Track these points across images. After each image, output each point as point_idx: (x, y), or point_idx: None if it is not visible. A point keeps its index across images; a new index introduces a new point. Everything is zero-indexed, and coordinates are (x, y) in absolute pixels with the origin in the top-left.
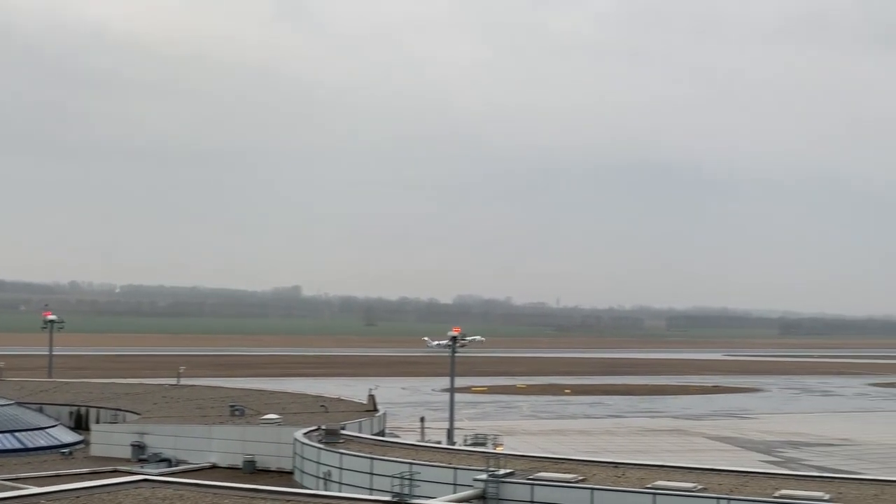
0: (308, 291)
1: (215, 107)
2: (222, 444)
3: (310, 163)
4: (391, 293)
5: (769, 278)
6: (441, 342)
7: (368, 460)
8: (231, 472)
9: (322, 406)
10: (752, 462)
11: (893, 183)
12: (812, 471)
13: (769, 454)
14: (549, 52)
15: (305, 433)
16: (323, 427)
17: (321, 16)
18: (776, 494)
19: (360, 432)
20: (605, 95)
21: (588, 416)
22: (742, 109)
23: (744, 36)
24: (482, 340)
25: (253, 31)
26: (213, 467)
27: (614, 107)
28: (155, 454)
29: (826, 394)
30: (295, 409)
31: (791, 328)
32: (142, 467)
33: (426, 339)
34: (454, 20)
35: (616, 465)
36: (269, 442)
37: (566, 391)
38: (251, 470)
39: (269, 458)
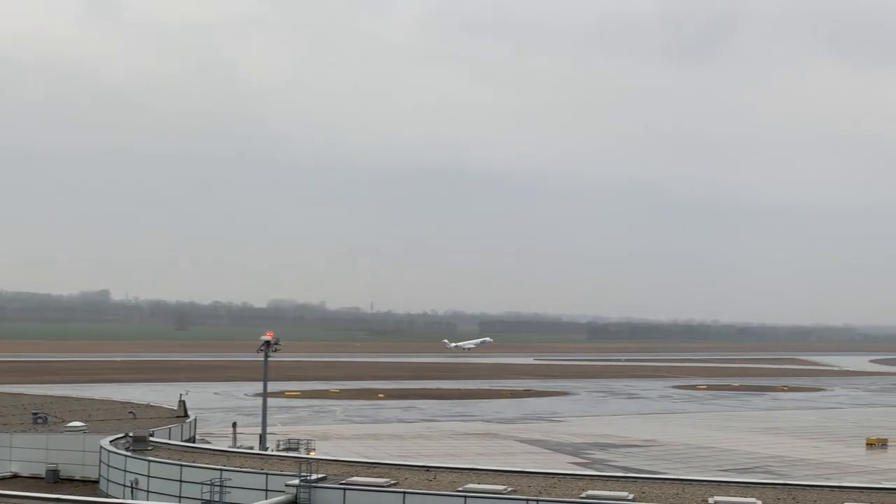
0: (117, 295)
1: (11, 104)
2: (24, 452)
3: (118, 163)
4: (204, 297)
5: (578, 284)
6: (460, 344)
7: (178, 467)
8: (33, 481)
9: (130, 413)
10: (560, 464)
11: (701, 192)
12: (617, 471)
13: (577, 456)
14: (363, 56)
15: (112, 441)
16: (130, 434)
17: (130, 14)
18: (583, 495)
19: (169, 439)
20: (420, 100)
21: (401, 421)
22: (555, 117)
23: (557, 44)
24: (491, 342)
25: (58, 29)
26: (14, 477)
27: (429, 112)
28: None
29: (632, 396)
30: (101, 416)
31: (599, 332)
32: None
33: (445, 341)
34: (269, 22)
35: (428, 468)
36: (74, 450)
37: (380, 395)
38: (54, 479)
39: (74, 466)
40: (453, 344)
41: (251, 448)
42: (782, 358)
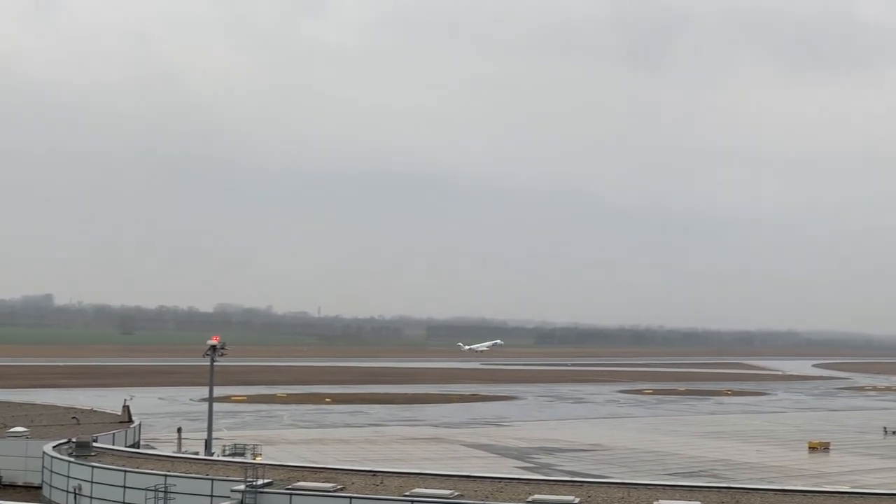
0: (60, 299)
1: None
2: None
3: (59, 165)
4: (149, 301)
5: (525, 289)
6: (473, 347)
7: (122, 473)
8: None
9: (73, 418)
10: (507, 468)
11: (643, 199)
12: (563, 475)
13: (524, 460)
14: (303, 59)
15: (55, 446)
16: (73, 440)
17: (64, 13)
18: (529, 499)
19: (113, 444)
20: (360, 102)
21: (348, 425)
22: (496, 120)
23: (504, 49)
24: (501, 344)
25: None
26: None
27: (369, 115)
28: None
29: (578, 401)
30: (44, 421)
31: (546, 337)
32: None
33: (460, 344)
34: (208, 23)
35: (375, 473)
36: (16, 456)
37: (327, 400)
38: None
39: (17, 472)
40: (467, 347)
41: (196, 453)
42: (727, 363)
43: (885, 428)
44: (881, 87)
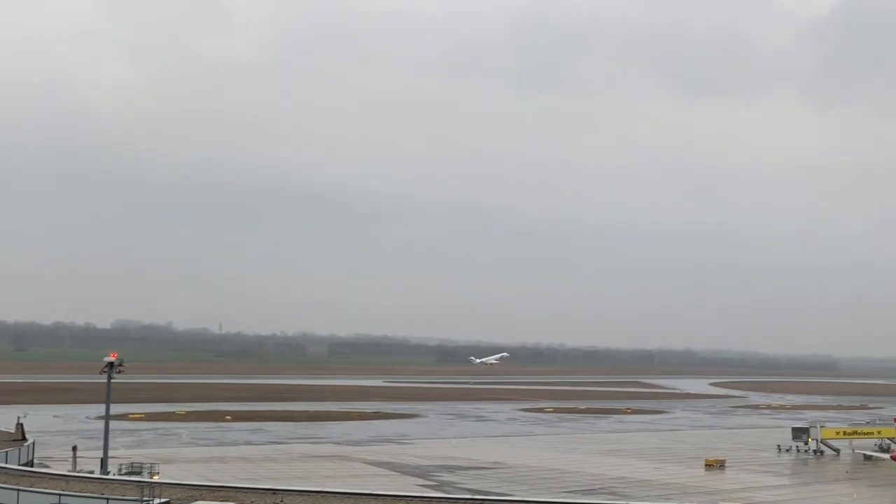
0: None
1: None
2: None
3: None
4: (44, 317)
5: (427, 306)
6: (484, 360)
7: (14, 492)
8: None
9: None
10: (408, 486)
11: (542, 216)
12: (465, 493)
13: (425, 478)
14: (196, 76)
15: None
16: None
17: None
18: None
19: (6, 463)
20: (262, 119)
21: (249, 443)
22: (401, 140)
23: (402, 66)
24: (507, 356)
25: None
26: None
27: (275, 131)
28: None
29: (480, 419)
30: None
31: (448, 355)
32: None
33: (472, 358)
34: (99, 36)
35: (275, 491)
36: None
37: (227, 417)
38: None
39: None
40: (479, 360)
41: (92, 472)
42: (627, 381)
43: (778, 446)
44: (770, 106)
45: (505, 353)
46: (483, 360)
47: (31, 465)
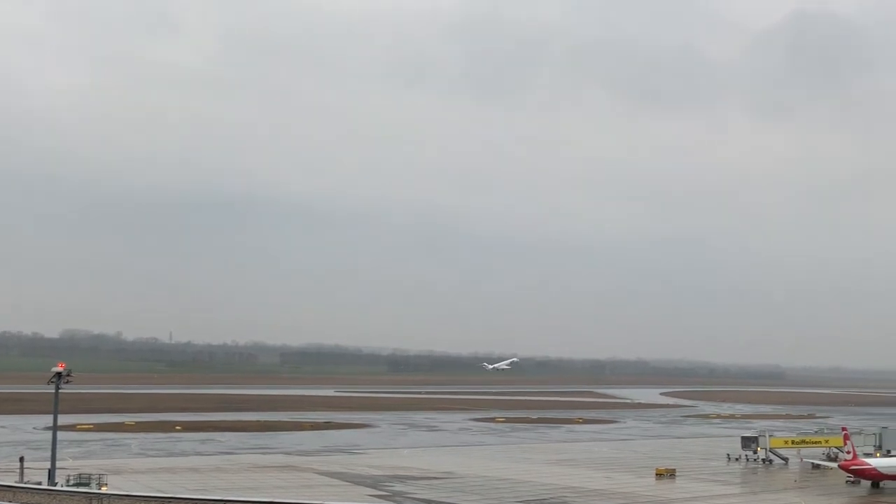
0: None
1: None
2: None
3: None
4: None
5: (379, 316)
6: (496, 365)
7: None
8: None
9: None
10: (360, 496)
11: (494, 225)
12: (417, 503)
13: (376, 488)
14: (148, 83)
15: None
16: None
17: None
18: None
19: None
20: (195, 128)
21: (199, 454)
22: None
23: (356, 76)
24: (517, 361)
25: None
26: None
27: (217, 138)
28: None
29: (432, 429)
30: None
31: (400, 365)
32: None
33: (485, 363)
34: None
35: (225, 502)
36: None
37: (177, 428)
38: None
39: None
40: (491, 366)
41: (39, 483)
42: (579, 391)
43: (728, 454)
44: (717, 121)
45: (515, 359)
46: (495, 365)
47: None
